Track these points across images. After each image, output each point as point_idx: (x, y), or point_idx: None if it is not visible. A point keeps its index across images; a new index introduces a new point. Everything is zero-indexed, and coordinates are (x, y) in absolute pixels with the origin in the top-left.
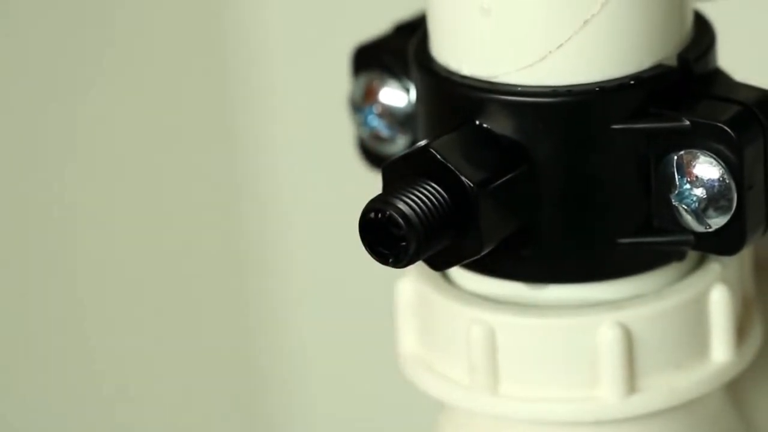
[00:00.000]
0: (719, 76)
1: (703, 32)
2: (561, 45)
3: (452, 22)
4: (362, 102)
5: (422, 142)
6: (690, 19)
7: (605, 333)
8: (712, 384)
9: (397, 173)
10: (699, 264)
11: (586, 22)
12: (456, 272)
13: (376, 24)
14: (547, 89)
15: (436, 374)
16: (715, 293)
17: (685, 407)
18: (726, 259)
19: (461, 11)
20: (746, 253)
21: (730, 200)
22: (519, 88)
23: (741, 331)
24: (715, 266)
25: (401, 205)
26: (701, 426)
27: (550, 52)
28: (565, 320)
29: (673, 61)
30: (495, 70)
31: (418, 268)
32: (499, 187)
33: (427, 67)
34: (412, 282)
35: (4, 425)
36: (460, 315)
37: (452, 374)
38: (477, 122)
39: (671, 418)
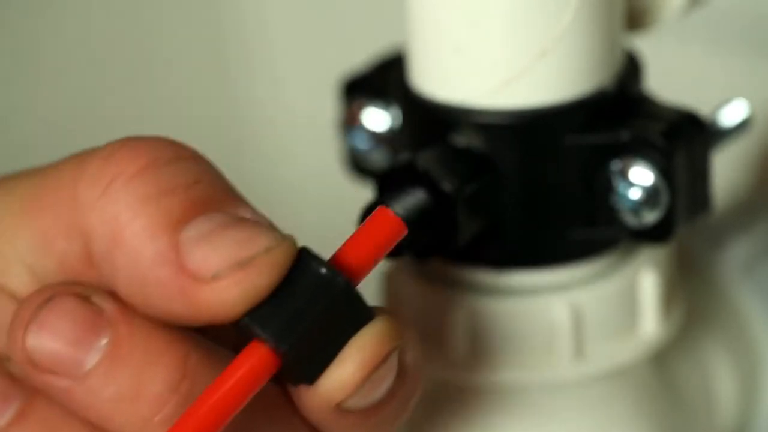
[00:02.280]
0: (649, 97)
1: (634, 61)
2: (521, 74)
3: (430, 57)
4: (349, 124)
5: (407, 156)
6: (623, 50)
7: (558, 311)
8: (644, 352)
9: (388, 181)
10: (632, 251)
11: (540, 55)
12: (432, 262)
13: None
14: (509, 111)
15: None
16: (646, 277)
17: (621, 373)
18: (655, 248)
19: (438, 48)
20: (672, 243)
21: (661, 200)
22: (486, 111)
23: (667, 308)
24: (646, 253)
25: (393, 208)
26: (633, 389)
27: (511, 80)
28: (524, 301)
29: (611, 86)
30: (466, 96)
31: (403, 259)
32: (471, 192)
33: (408, 94)
34: (396, 272)
35: None
36: (437, 298)
37: (429, 348)
38: (452, 139)
39: (610, 382)
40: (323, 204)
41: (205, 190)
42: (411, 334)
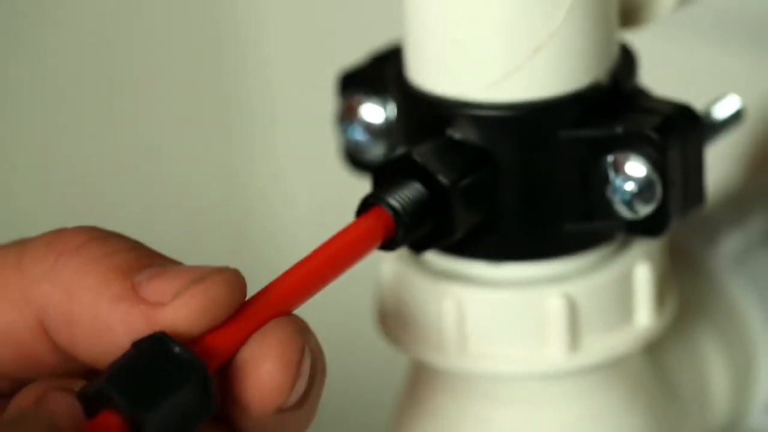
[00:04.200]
0: (643, 91)
1: (628, 56)
2: (517, 68)
3: (428, 51)
4: (345, 118)
5: (403, 150)
6: (617, 45)
7: (553, 302)
8: (637, 343)
9: (385, 174)
10: (626, 244)
11: (537, 50)
12: (429, 254)
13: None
14: (506, 105)
15: (412, 338)
16: (640, 269)
17: (615, 363)
18: (649, 240)
19: (436, 42)
20: (666, 235)
21: (656, 193)
22: (483, 104)
23: (660, 300)
24: (640, 246)
25: (390, 200)
26: (626, 379)
27: (507, 74)
28: (520, 292)
29: (606, 80)
30: (463, 90)
31: (398, 252)
32: (467, 185)
33: (405, 88)
34: (393, 263)
35: None
36: (433, 289)
37: (426, 338)
38: (448, 132)
39: (604, 372)
40: (321, 201)
41: (144, 251)
42: (309, 328)
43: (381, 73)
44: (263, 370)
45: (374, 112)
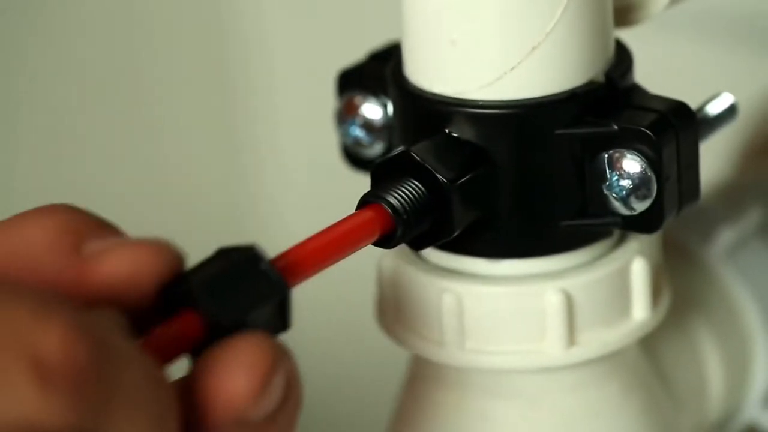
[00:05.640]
0: (638, 89)
1: (623, 54)
2: (513, 67)
3: (426, 51)
4: (345, 116)
5: (402, 148)
6: (613, 44)
7: (550, 297)
8: (633, 337)
9: (384, 173)
10: (622, 240)
11: (533, 48)
12: (428, 251)
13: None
14: (503, 103)
15: (413, 333)
16: (636, 264)
17: (611, 356)
18: (643, 236)
19: (434, 42)
20: (659, 232)
21: (651, 189)
22: (480, 103)
23: (655, 294)
24: (635, 242)
25: (389, 198)
26: (623, 371)
27: (504, 73)
28: (518, 288)
29: (601, 78)
30: (460, 89)
31: (398, 248)
32: (465, 183)
33: (403, 86)
34: (393, 260)
35: None
36: (432, 285)
37: (426, 333)
38: (446, 131)
39: (601, 365)
40: (321, 199)
41: (99, 223)
42: (289, 352)
43: (379, 71)
44: (230, 374)
45: (373, 111)
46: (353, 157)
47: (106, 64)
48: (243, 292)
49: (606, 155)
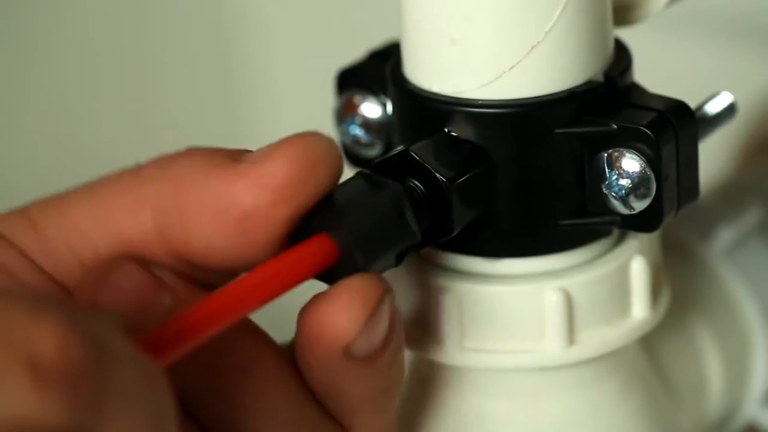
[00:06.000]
0: (637, 88)
1: (622, 53)
2: (512, 67)
3: (425, 50)
4: (344, 114)
5: (401, 147)
6: (612, 43)
7: (550, 296)
8: (633, 336)
9: (383, 171)
10: (622, 239)
11: (532, 48)
12: (427, 250)
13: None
14: (502, 102)
15: (412, 332)
16: (635, 263)
17: (611, 355)
18: (643, 235)
19: (433, 41)
20: (658, 230)
21: (650, 188)
22: (479, 102)
23: (654, 293)
24: (634, 241)
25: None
26: (622, 369)
27: (504, 72)
28: (517, 287)
29: (600, 78)
30: (460, 88)
31: None
32: (465, 182)
33: (403, 86)
34: None
35: None
36: (432, 285)
37: (425, 332)
38: (445, 130)
39: (600, 364)
40: None
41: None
42: (393, 293)
43: (379, 70)
44: (338, 304)
45: (372, 110)
46: (352, 156)
47: (107, 66)
48: (384, 237)
49: (605, 154)
